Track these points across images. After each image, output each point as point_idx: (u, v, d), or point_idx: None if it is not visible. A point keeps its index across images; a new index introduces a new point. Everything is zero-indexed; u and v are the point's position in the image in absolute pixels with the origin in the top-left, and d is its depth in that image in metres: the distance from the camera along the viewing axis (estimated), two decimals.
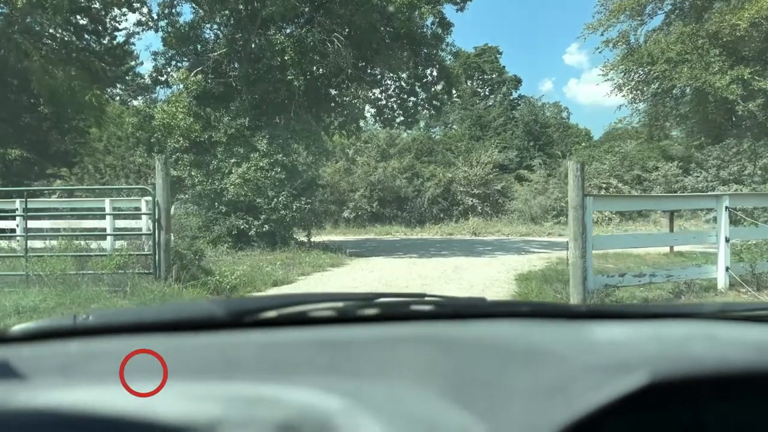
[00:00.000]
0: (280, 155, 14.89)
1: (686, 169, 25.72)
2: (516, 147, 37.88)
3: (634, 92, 12.85)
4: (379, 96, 18.95)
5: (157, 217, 8.09)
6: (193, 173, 15.03)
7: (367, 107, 18.55)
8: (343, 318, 1.11)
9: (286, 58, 14.56)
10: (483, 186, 28.10)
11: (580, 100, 72.50)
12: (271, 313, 1.06)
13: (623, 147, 28.96)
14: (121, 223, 13.36)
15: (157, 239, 8.08)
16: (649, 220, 25.51)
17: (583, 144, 42.25)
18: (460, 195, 28.13)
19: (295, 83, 14.69)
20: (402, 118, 18.94)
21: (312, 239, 16.97)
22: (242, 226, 14.71)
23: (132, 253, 8.15)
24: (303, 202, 15.18)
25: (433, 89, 16.88)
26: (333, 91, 17.91)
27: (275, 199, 14.73)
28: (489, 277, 10.34)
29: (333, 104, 18.15)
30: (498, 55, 51.04)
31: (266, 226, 14.76)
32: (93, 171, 32.86)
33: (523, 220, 26.67)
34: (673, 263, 11.11)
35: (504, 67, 50.82)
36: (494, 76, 50.80)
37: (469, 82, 48.08)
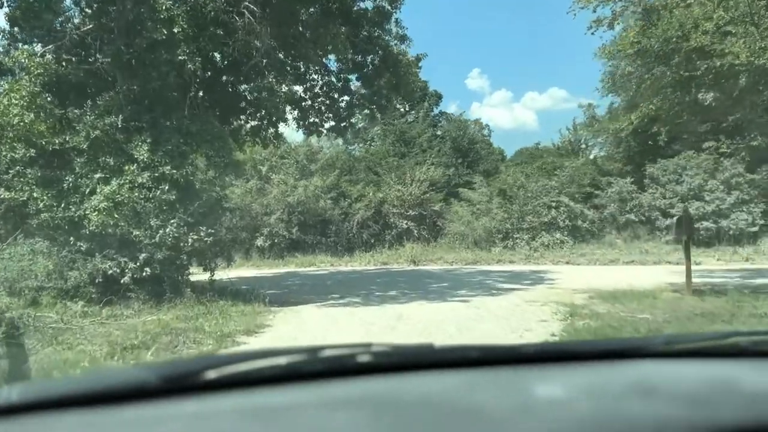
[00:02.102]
0: (169, 167, 10.50)
1: (641, 186, 23.45)
2: (444, 164, 35.00)
3: (651, 81, 9.83)
4: (303, 95, 14.92)
5: None
6: (36, 194, 10.29)
7: (287, 109, 14.44)
8: (289, 375, 1.05)
9: (175, 30, 10.27)
10: (419, 207, 24.58)
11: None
12: (211, 375, 0.99)
13: (573, 162, 26.50)
14: None
15: None
16: (603, 241, 22.94)
17: (506, 162, 39.99)
18: (394, 217, 24.45)
19: (190, 66, 10.42)
20: (332, 123, 14.98)
21: (216, 280, 12.59)
22: (111, 271, 10.12)
23: None
24: (203, 233, 10.82)
25: (375, 83, 13.09)
26: (243, 86, 13.70)
27: (161, 230, 10.28)
28: None
29: (244, 103, 13.93)
30: (417, 69, 48.21)
31: (148, 268, 10.24)
32: None
33: (466, 245, 23.32)
34: None
35: (426, 82, 48.31)
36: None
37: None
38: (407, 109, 46.69)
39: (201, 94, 12.89)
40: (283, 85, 12.81)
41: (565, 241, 22.59)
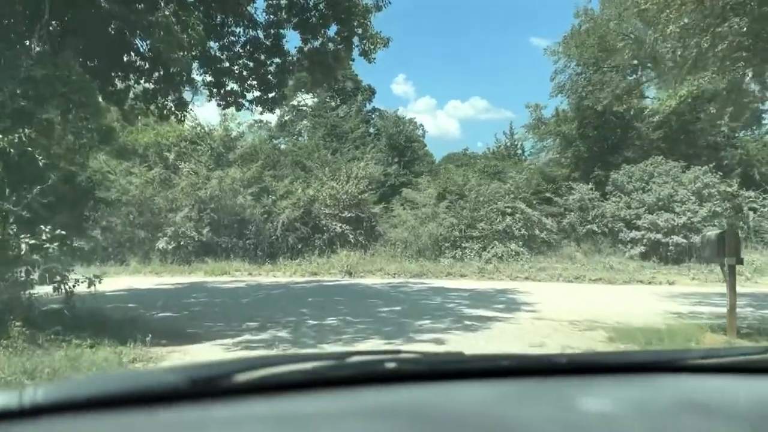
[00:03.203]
0: None
1: (603, 193, 21.16)
2: (381, 162, 31.94)
3: (715, 40, 7.03)
4: (219, 54, 11.21)
5: None
6: None
7: (194, 67, 10.67)
8: (316, 381, 1.04)
9: None
10: (355, 208, 21.17)
11: None
12: (239, 378, 0.99)
13: (531, 164, 24.00)
14: None
15: None
16: (562, 253, 20.44)
17: (436, 165, 37.51)
18: (326, 219, 20.91)
19: None
20: (257, 93, 11.37)
21: (94, 294, 8.68)
22: None
23: None
24: (47, 233, 6.96)
25: (320, 36, 9.60)
26: (135, 33, 9.84)
27: None
28: None
29: (133, 55, 10.08)
30: (351, 62, 45.00)
31: None
32: None
33: (409, 254, 20.15)
34: None
35: (357, 75, 45.33)
36: (346, 83, 44.94)
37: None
38: (338, 102, 43.51)
39: (80, 46, 9.03)
40: (189, 30, 9.05)
41: (521, 253, 19.90)
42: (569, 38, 28.09)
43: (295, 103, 45.45)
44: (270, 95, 11.27)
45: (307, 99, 44.18)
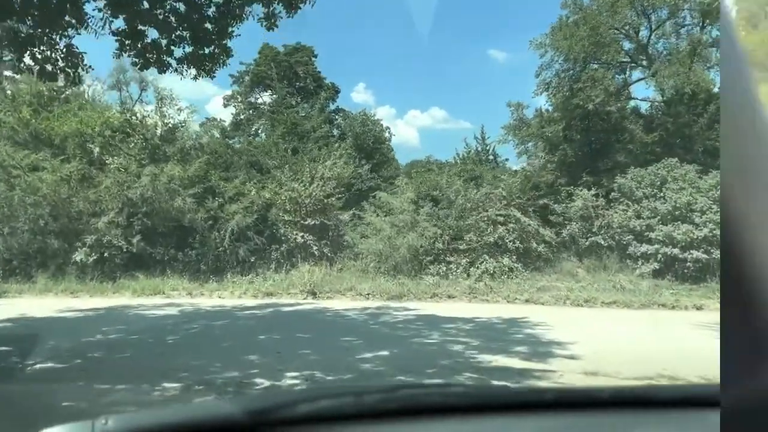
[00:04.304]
0: None
1: (608, 200, 18.38)
2: (347, 161, 28.74)
3: None
4: None
5: None
6: None
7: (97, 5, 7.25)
8: (368, 412, 1.06)
9: None
10: (320, 214, 17.83)
11: None
12: (297, 411, 1.01)
13: (528, 168, 21.14)
14: None
15: None
16: (561, 270, 17.55)
17: (402, 170, 34.66)
18: (285, 227, 17.49)
19: None
20: (189, 48, 7.99)
21: None
22: None
23: None
24: None
25: None
26: None
27: None
28: None
29: None
30: (313, 58, 42.14)
31: None
32: None
33: (385, 270, 16.92)
34: None
35: (320, 72, 42.32)
36: (308, 80, 41.86)
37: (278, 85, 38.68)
38: (299, 100, 40.21)
39: None
40: None
41: (515, 269, 16.93)
42: (557, 29, 25.59)
43: (252, 100, 42.01)
44: (206, 50, 7.90)
45: (264, 96, 41.00)
